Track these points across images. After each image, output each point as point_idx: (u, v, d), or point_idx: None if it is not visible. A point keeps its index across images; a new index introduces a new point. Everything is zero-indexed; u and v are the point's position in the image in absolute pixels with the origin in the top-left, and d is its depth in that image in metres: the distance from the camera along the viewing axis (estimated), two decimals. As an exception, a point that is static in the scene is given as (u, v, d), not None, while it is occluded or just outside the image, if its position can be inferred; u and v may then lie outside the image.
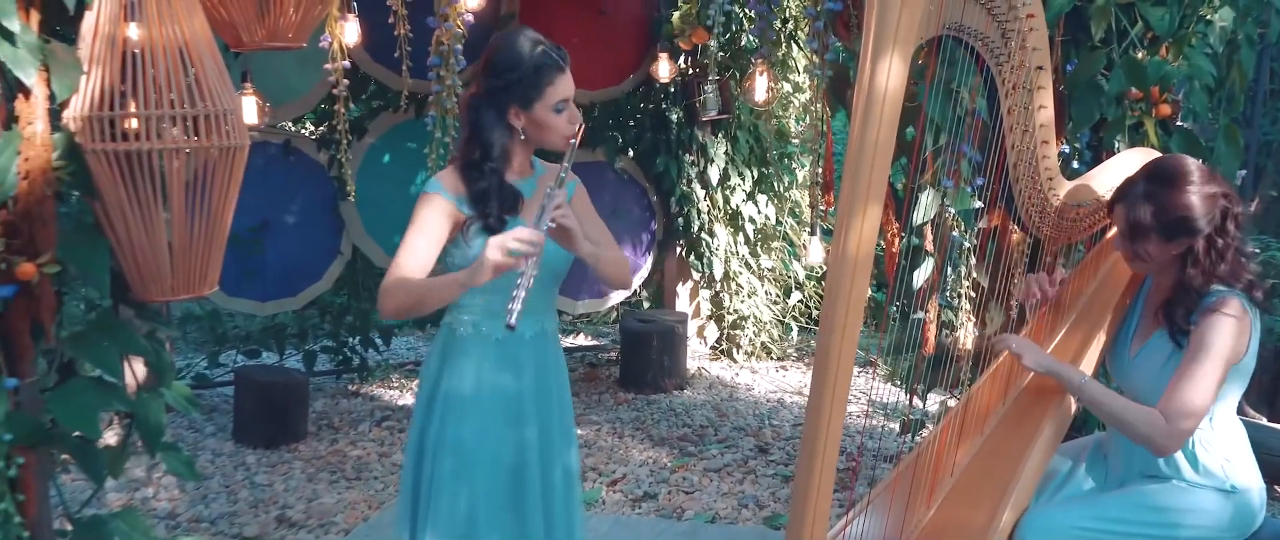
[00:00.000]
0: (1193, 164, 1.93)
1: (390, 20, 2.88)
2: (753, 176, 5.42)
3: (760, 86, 3.39)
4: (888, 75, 1.66)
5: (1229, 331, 1.85)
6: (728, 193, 5.35)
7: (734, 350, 5.49)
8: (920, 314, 2.70)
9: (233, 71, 4.12)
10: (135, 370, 2.19)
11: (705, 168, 5.28)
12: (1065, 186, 2.16)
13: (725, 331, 5.51)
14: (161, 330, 2.30)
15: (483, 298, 1.95)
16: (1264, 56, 4.75)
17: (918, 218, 2.56)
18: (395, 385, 5.04)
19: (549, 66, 1.90)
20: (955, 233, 2.60)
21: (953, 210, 2.54)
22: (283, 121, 4.80)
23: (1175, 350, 1.94)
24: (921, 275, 2.71)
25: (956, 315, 2.68)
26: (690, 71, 5.13)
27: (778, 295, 5.66)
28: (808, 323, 5.76)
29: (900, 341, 2.95)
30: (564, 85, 1.93)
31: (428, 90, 4.94)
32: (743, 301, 5.44)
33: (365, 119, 5.01)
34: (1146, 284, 2.15)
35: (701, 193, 5.32)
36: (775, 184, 5.51)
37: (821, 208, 3.31)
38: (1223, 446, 2.01)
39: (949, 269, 2.71)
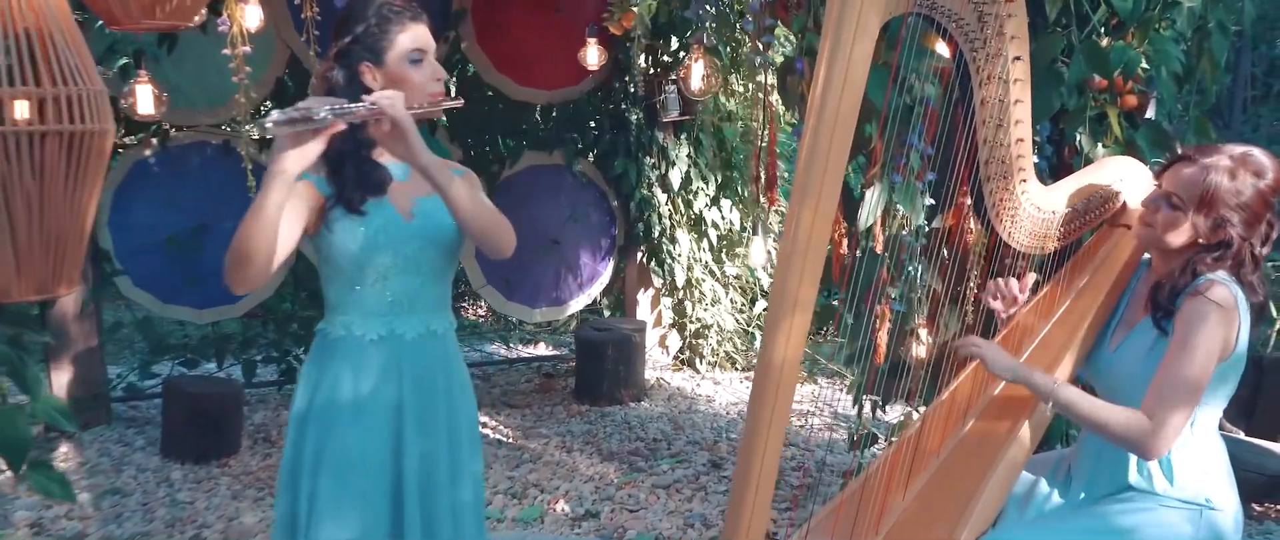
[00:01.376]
0: (1276, 167, 1.72)
1: (297, 1, 2.66)
2: (716, 180, 5.24)
3: (696, 73, 3.18)
4: (850, 54, 1.49)
5: (1215, 319, 1.66)
6: (690, 197, 5.17)
7: (696, 360, 5.30)
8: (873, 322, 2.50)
9: (162, 61, 3.91)
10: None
11: (666, 171, 5.09)
12: (1040, 188, 1.97)
13: (687, 341, 5.32)
14: (29, 336, 2.09)
15: (354, 294, 1.75)
16: (1242, 57, 4.62)
17: (864, 217, 2.37)
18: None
19: (397, 15, 1.72)
20: (906, 233, 2.41)
21: (902, 208, 2.36)
22: (226, 120, 4.58)
23: (1159, 338, 1.76)
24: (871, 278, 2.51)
25: (909, 321, 2.49)
26: (651, 70, 4.95)
27: (742, 303, 5.47)
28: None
29: (854, 349, 2.75)
30: (417, 35, 1.72)
31: (375, 88, 4.80)
32: (706, 310, 5.25)
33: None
34: (1135, 280, 1.96)
35: (663, 197, 5.13)
36: (740, 188, 5.32)
37: (764, 206, 3.11)
38: (1202, 456, 1.82)
39: (900, 271, 2.51)
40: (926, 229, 2.45)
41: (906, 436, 1.97)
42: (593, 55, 4.11)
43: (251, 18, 2.69)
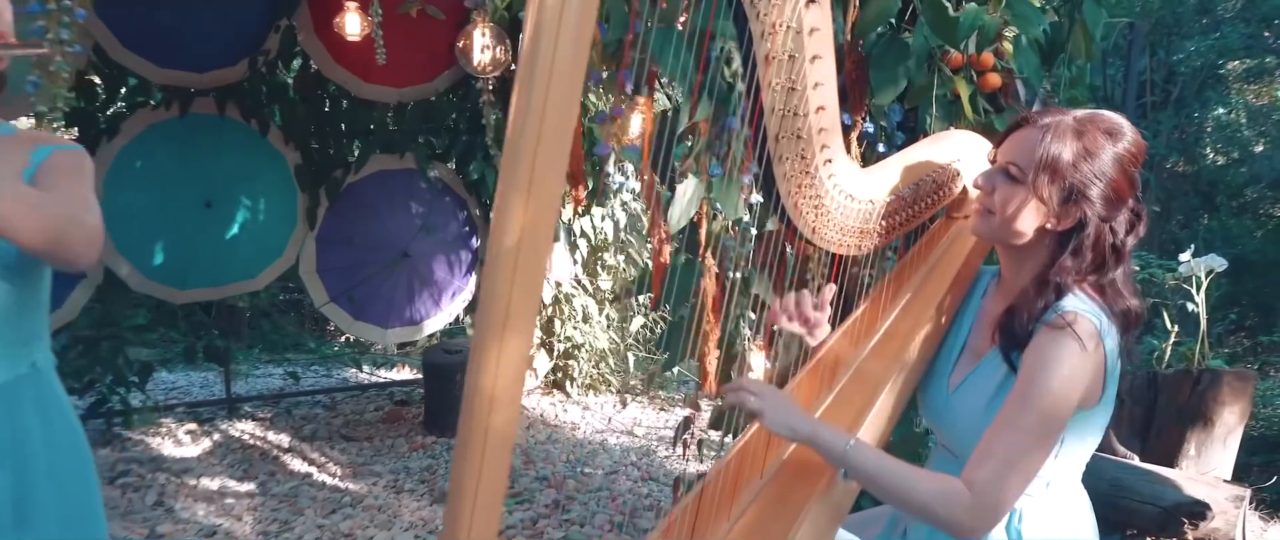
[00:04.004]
0: (1133, 130, 1.34)
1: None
2: (586, 187, 4.80)
3: (477, 44, 2.70)
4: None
5: (1074, 360, 1.25)
6: (561, 205, 4.72)
7: (567, 382, 4.85)
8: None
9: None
10: None
11: (530, 176, 4.64)
12: (853, 171, 1.55)
13: (556, 362, 4.87)
14: None
15: None
16: (1133, 51, 4.37)
17: (676, 217, 1.95)
18: (160, 431, 4.26)
19: None
20: (728, 238, 2.01)
21: (720, 207, 1.95)
22: (14, 119, 4.00)
23: (1008, 375, 1.34)
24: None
25: (735, 344, 2.09)
26: (512, 65, 4.50)
27: (618, 320, 5.05)
28: (650, 352, 5.16)
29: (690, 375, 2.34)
30: None
31: (193, 83, 4.27)
32: (576, 328, 4.81)
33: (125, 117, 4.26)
34: (979, 293, 1.55)
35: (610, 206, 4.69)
36: (612, 195, 4.91)
37: (570, 204, 2.68)
38: (1061, 519, 1.41)
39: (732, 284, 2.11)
40: (754, 232, 2.04)
41: (699, 490, 1.55)
42: (353, 23, 3.55)
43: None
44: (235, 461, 3.87)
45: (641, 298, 4.98)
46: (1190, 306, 3.63)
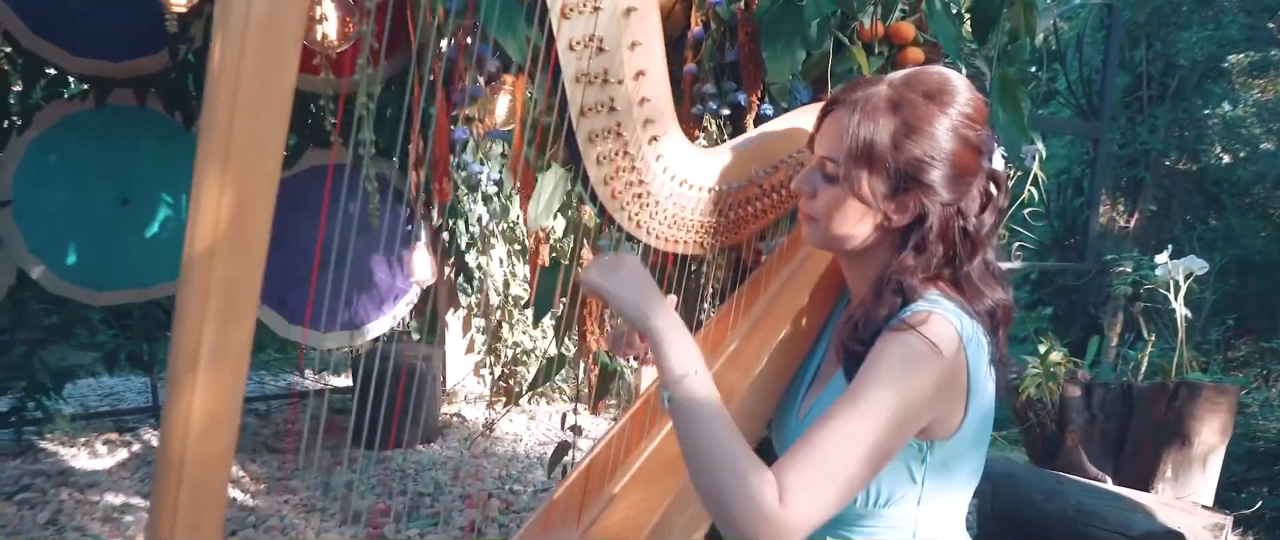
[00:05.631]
0: (967, 86, 1.05)
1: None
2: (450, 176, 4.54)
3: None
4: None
5: (919, 370, 0.98)
6: (505, 202, 4.46)
7: (517, 390, 4.59)
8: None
9: None
10: None
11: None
12: (689, 151, 1.25)
13: (505, 368, 4.60)
14: None
15: None
16: (1111, 38, 4.08)
17: (535, 213, 1.69)
18: (79, 441, 4.02)
19: None
20: (604, 239, 1.73)
21: (589, 203, 1.68)
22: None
23: None
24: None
25: (611, 356, 1.83)
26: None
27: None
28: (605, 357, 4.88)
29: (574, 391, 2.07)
30: None
31: (110, 72, 4.03)
32: (525, 333, 4.54)
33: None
34: (841, 309, 1.28)
35: (473, 202, 4.42)
36: (472, 189, 4.62)
37: (434, 199, 2.41)
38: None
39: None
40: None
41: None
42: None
43: None
44: (147, 475, 3.63)
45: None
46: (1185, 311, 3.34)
